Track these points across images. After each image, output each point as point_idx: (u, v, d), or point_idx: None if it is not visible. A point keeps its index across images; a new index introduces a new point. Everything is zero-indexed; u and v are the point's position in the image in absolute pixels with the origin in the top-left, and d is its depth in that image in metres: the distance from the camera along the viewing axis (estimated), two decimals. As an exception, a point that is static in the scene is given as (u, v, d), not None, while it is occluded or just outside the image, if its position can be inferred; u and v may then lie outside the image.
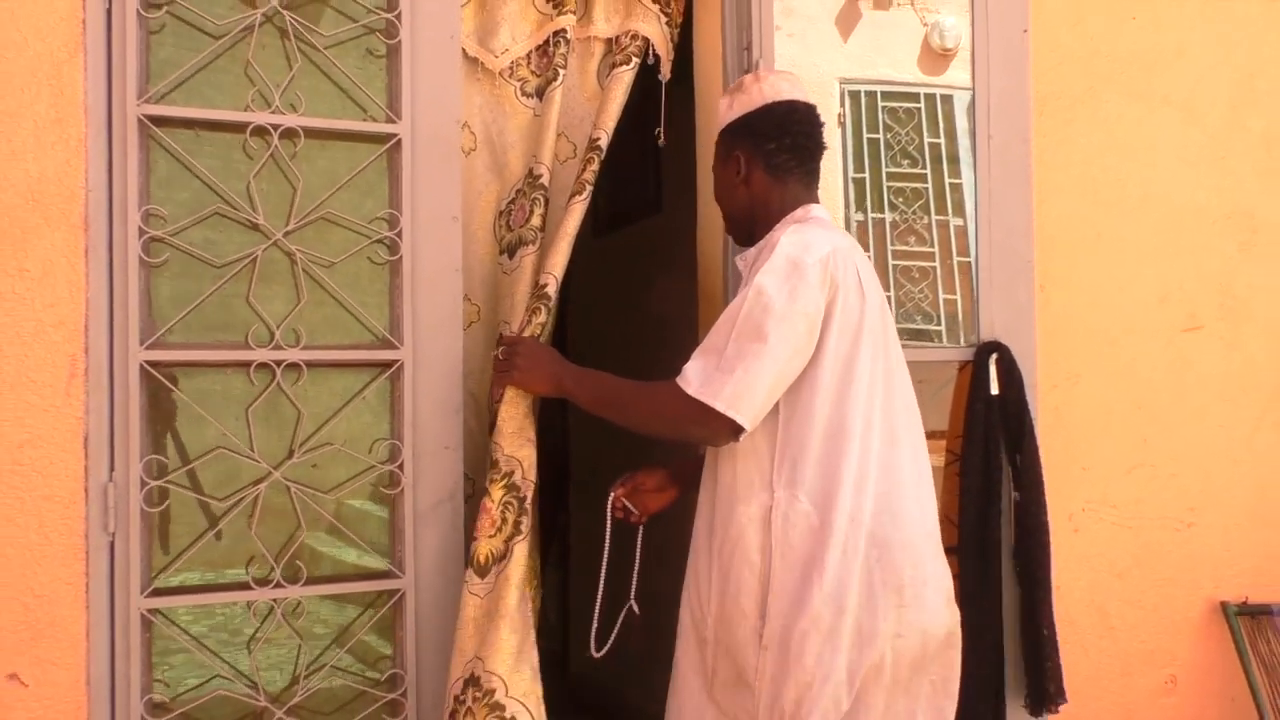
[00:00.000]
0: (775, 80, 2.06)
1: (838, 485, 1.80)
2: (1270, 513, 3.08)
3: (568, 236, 2.16)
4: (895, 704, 1.86)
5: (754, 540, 1.83)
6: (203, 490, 2.02)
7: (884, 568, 1.82)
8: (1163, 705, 2.93)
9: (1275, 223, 3.10)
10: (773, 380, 1.79)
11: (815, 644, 1.77)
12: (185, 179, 2.02)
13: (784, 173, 2.01)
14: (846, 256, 1.87)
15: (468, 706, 1.93)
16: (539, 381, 2.02)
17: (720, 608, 1.87)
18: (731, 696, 1.87)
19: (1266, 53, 3.09)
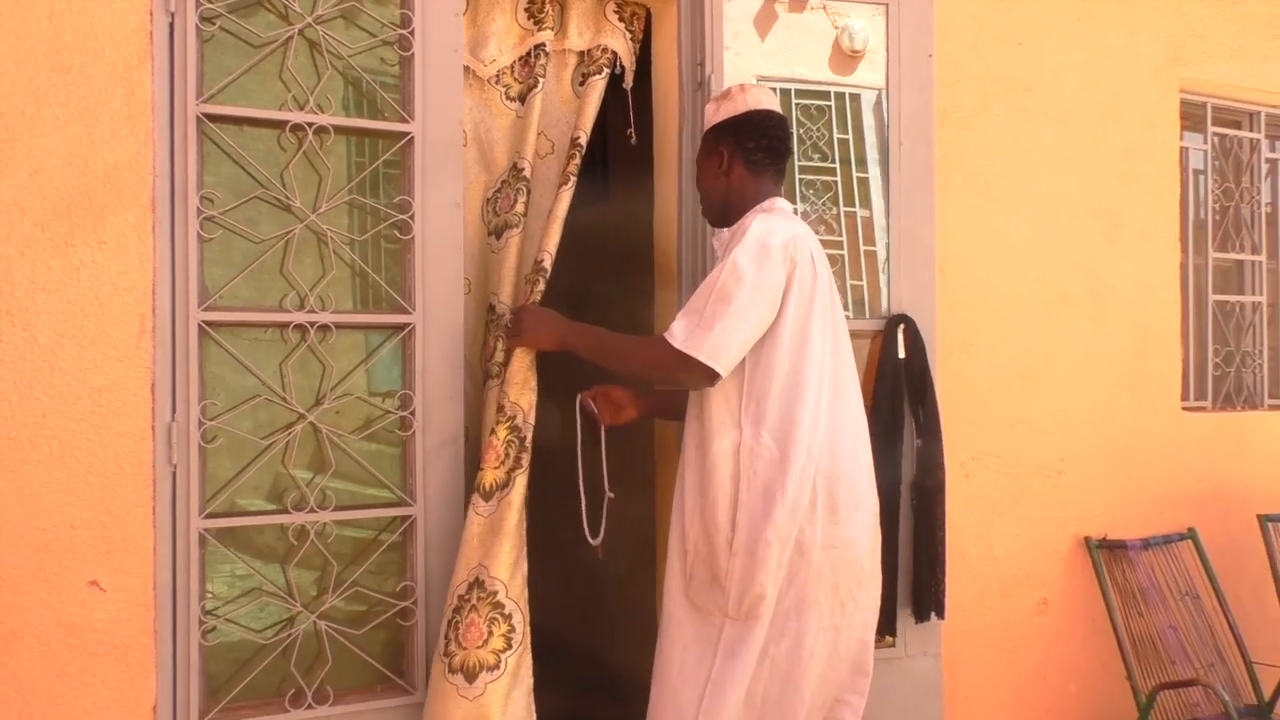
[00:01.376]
0: (757, 93, 2.46)
1: (794, 426, 2.23)
2: (1126, 463, 3.60)
3: (558, 220, 2.55)
4: (840, 601, 2.31)
5: (726, 468, 2.26)
6: (248, 430, 2.38)
7: (826, 494, 2.27)
8: (1036, 622, 3.43)
9: (1134, 219, 3.62)
10: (743, 337, 2.22)
11: (775, 551, 2.21)
12: (232, 168, 2.37)
13: (760, 169, 2.42)
14: (803, 242, 2.30)
15: (472, 604, 2.34)
16: (545, 339, 2.41)
17: (700, 523, 2.30)
18: (706, 594, 2.29)
19: (1128, 77, 3.60)
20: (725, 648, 2.26)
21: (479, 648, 2.33)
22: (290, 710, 2.36)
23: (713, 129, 2.48)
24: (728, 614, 2.26)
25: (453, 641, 2.34)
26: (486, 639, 2.34)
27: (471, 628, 2.33)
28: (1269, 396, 4.07)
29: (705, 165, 2.50)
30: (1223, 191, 3.99)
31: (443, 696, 2.33)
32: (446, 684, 2.33)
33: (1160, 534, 3.61)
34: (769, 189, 2.45)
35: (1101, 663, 3.48)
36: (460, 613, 2.36)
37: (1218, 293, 3.98)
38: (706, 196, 2.52)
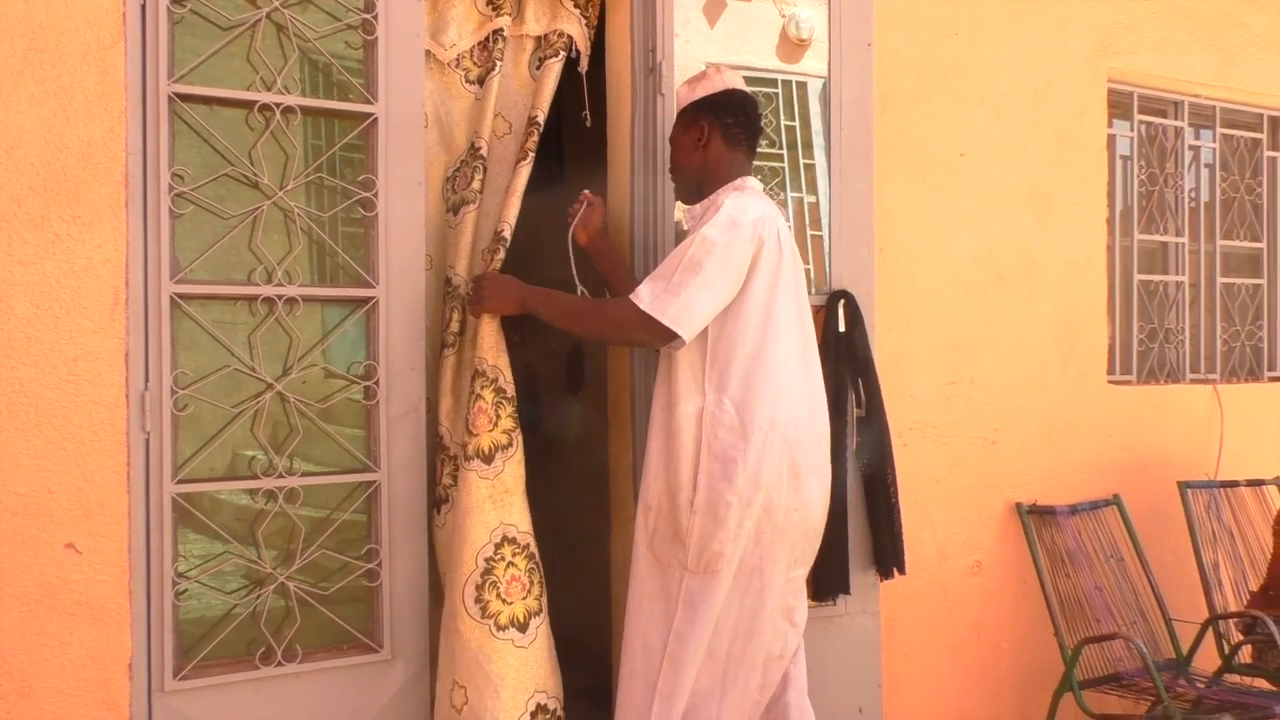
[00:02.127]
0: (731, 74, 2.61)
1: (756, 395, 2.38)
2: (1055, 433, 3.80)
3: (517, 193, 2.67)
4: (795, 558, 2.49)
5: (690, 431, 2.41)
6: (218, 399, 2.47)
7: (790, 460, 2.43)
8: (970, 583, 3.62)
9: (1063, 202, 3.81)
10: (708, 306, 2.36)
11: (736, 512, 2.37)
12: (202, 146, 2.46)
13: (735, 144, 2.56)
14: (771, 221, 2.44)
15: (508, 560, 2.49)
16: (506, 303, 2.53)
17: (664, 482, 2.45)
18: (668, 548, 2.44)
19: (1059, 66, 3.79)
20: (685, 598, 2.41)
21: (524, 598, 2.50)
22: (260, 667, 2.47)
23: (691, 105, 2.60)
24: (687, 567, 2.41)
25: (493, 601, 2.47)
26: (529, 588, 2.51)
27: (514, 582, 2.49)
28: (1190, 371, 4.29)
29: (682, 140, 2.62)
30: (1148, 177, 4.19)
31: (497, 654, 2.46)
32: (498, 641, 2.46)
33: (1087, 500, 3.81)
34: (742, 165, 2.59)
35: (1031, 621, 3.67)
36: (493, 573, 2.48)
37: (1142, 272, 4.19)
38: (682, 171, 2.64)
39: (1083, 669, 3.50)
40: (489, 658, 2.45)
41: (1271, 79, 4.33)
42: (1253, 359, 4.52)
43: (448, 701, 2.52)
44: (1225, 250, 4.42)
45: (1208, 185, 4.39)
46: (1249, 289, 4.51)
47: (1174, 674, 3.61)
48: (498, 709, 2.45)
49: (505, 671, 2.46)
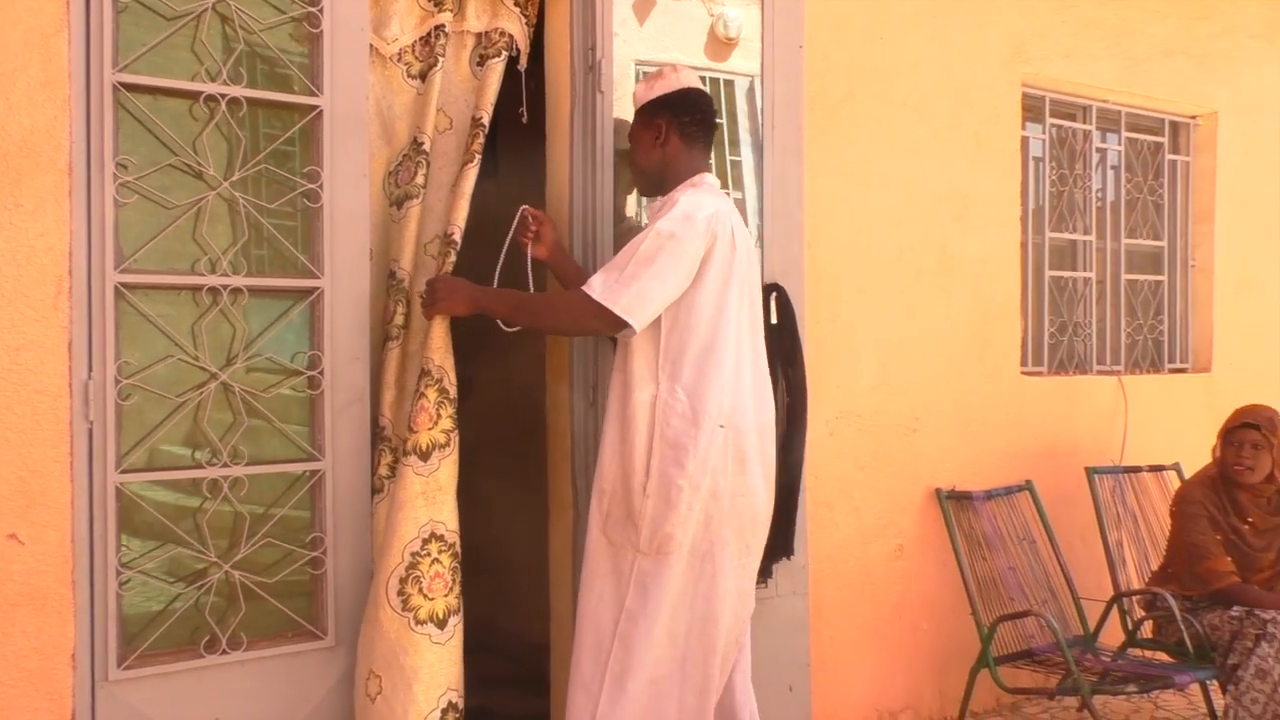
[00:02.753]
0: (686, 73, 2.69)
1: (708, 385, 2.48)
2: (972, 422, 3.97)
3: (465, 195, 2.71)
4: (745, 544, 2.59)
5: (644, 418, 2.49)
6: (163, 388, 2.47)
7: (734, 447, 2.52)
8: (893, 566, 3.77)
9: (981, 200, 3.98)
10: (659, 298, 2.44)
11: (687, 496, 2.46)
12: (147, 136, 2.45)
13: (693, 140, 2.65)
14: (725, 217, 2.53)
15: (433, 557, 2.53)
16: (460, 305, 2.57)
17: (618, 466, 2.53)
18: (620, 530, 2.52)
19: (977, 71, 3.95)
20: (637, 579, 2.49)
21: (445, 596, 2.54)
22: (205, 655, 2.48)
23: (648, 104, 2.68)
24: (639, 549, 2.49)
25: (414, 595, 2.51)
26: (451, 586, 2.56)
27: (437, 579, 2.54)
28: (1096, 363, 4.52)
29: (641, 138, 2.70)
30: (1058, 177, 4.40)
31: (414, 648, 2.49)
32: (416, 635, 2.50)
33: (1002, 486, 3.99)
34: (700, 161, 2.68)
35: (950, 601, 3.84)
36: (418, 567, 2.53)
37: (1053, 269, 4.40)
38: (642, 168, 2.72)
39: (998, 646, 3.67)
40: (405, 650, 2.49)
41: (1172, 86, 4.57)
42: (1154, 352, 4.76)
43: (364, 689, 2.56)
44: (1129, 248, 4.66)
45: (1113, 186, 4.62)
46: (1151, 285, 4.75)
47: (1082, 649, 3.81)
48: (409, 702, 2.48)
49: (420, 666, 2.49)
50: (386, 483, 2.68)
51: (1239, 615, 3.44)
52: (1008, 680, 3.62)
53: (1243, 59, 4.78)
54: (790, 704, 3.15)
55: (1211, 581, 3.57)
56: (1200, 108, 4.72)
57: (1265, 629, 3.33)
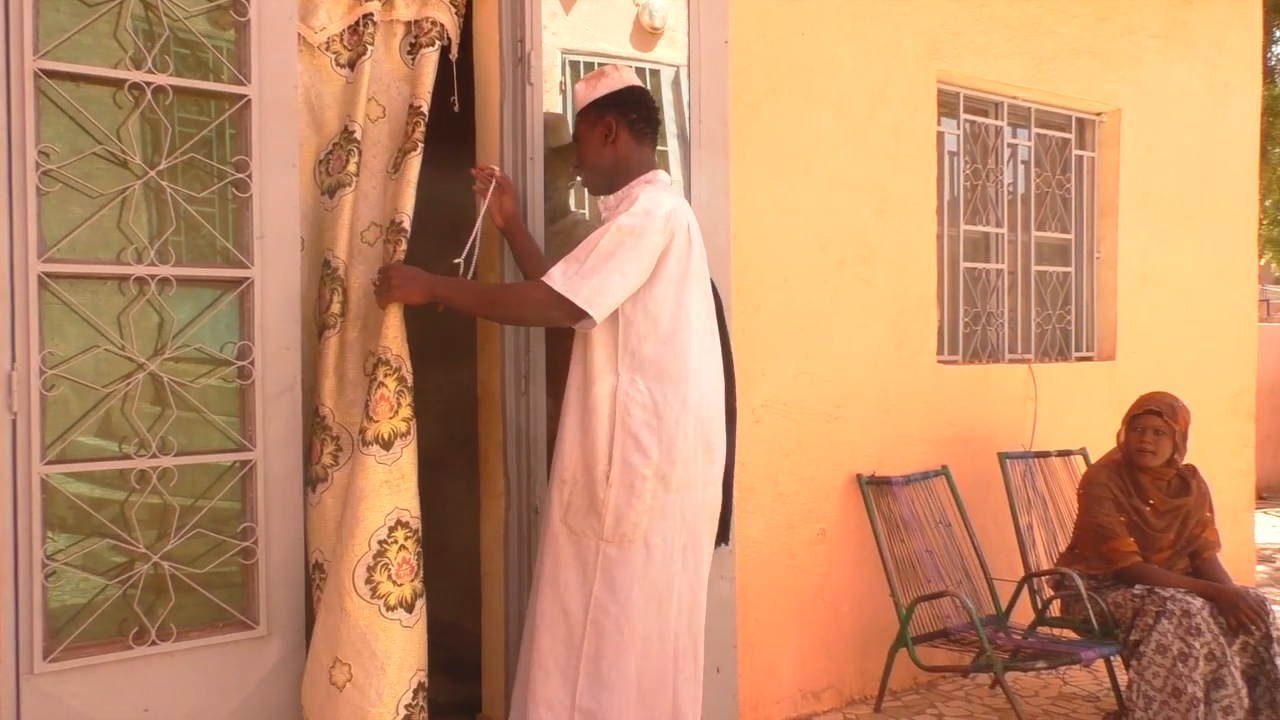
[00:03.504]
0: (627, 71, 2.72)
1: (668, 377, 2.53)
2: (891, 409, 4.09)
3: (410, 184, 2.72)
4: (712, 530, 2.67)
5: (605, 409, 2.53)
6: (89, 379, 2.45)
7: (703, 439, 2.58)
8: (816, 550, 3.87)
9: (899, 193, 4.09)
10: (619, 291, 2.47)
11: (651, 485, 2.51)
12: (70, 124, 2.42)
13: (641, 137, 2.69)
14: (682, 214, 2.58)
15: (400, 544, 2.55)
16: (415, 293, 2.57)
17: (580, 457, 2.55)
18: (583, 520, 2.55)
19: (893, 67, 4.06)
20: (603, 567, 2.53)
21: (412, 580, 2.57)
22: (134, 647, 2.46)
23: (594, 104, 2.71)
24: (603, 538, 2.52)
25: (384, 582, 2.52)
26: (417, 570, 2.59)
27: (405, 565, 2.56)
28: (1008, 351, 4.68)
29: (589, 138, 2.72)
30: (972, 172, 4.54)
31: (385, 633, 2.51)
32: (387, 621, 2.52)
33: (919, 471, 4.12)
34: (649, 157, 2.73)
35: (870, 583, 3.96)
36: (386, 555, 2.54)
37: (967, 260, 4.54)
38: (593, 166, 2.74)
39: (915, 626, 3.80)
40: (377, 636, 2.51)
41: (1079, 84, 4.75)
42: (1062, 340, 4.95)
43: (325, 679, 2.55)
44: (1039, 240, 4.83)
45: (1024, 180, 4.79)
46: (1059, 276, 4.93)
47: (995, 628, 3.96)
48: (383, 685, 2.51)
49: (392, 650, 2.52)
50: (331, 472, 2.68)
51: (1141, 593, 3.61)
52: (925, 659, 3.75)
53: (1144, 59, 4.99)
54: (718, 685, 3.22)
55: (1115, 561, 3.74)
56: (1105, 105, 4.91)
57: (1165, 606, 3.50)
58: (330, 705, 2.53)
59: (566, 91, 3.30)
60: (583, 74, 3.32)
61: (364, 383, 2.75)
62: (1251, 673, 3.56)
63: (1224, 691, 3.43)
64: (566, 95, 3.33)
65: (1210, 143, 5.32)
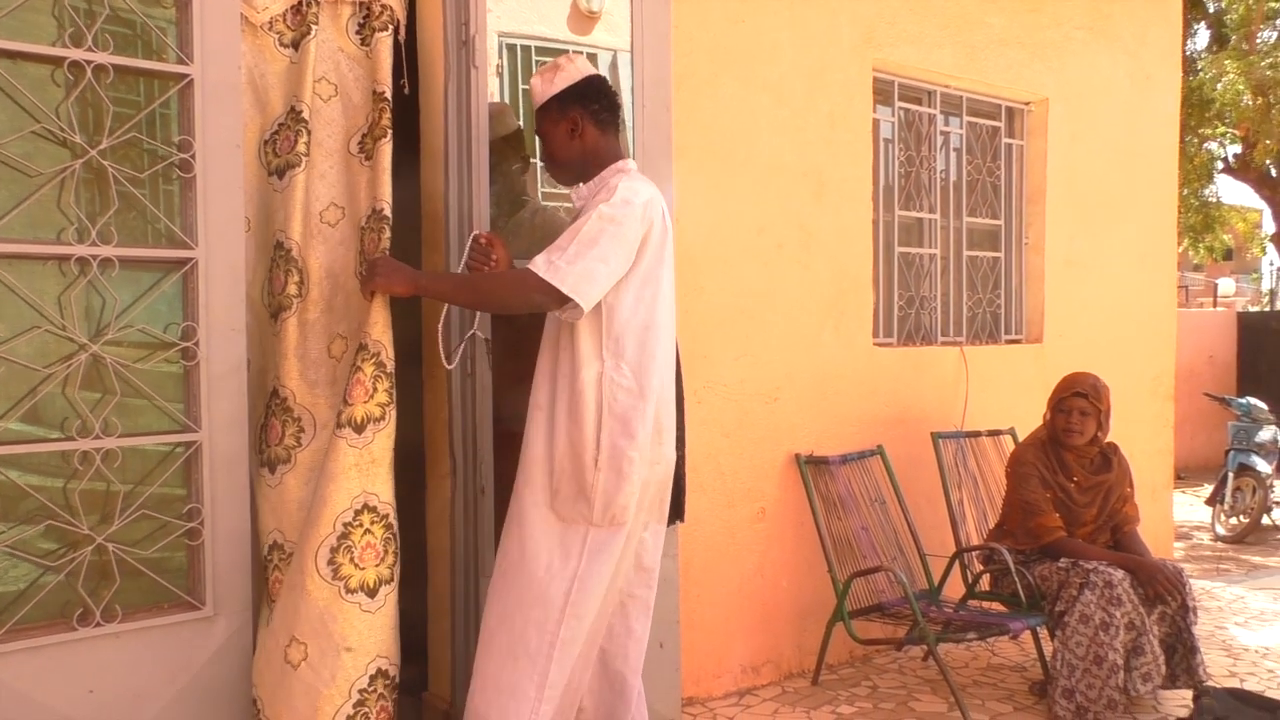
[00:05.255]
0: (583, 62, 2.72)
1: (650, 361, 2.58)
2: (829, 391, 4.18)
3: (385, 170, 2.73)
4: (661, 513, 2.73)
5: (591, 396, 2.55)
6: (29, 360, 2.42)
7: (660, 420, 2.64)
8: (755, 528, 3.96)
9: (836, 179, 4.18)
10: (604, 279, 2.50)
11: (638, 468, 2.56)
12: (6, 102, 2.39)
13: (606, 126, 2.69)
14: (657, 203, 2.61)
15: (365, 527, 2.55)
16: (399, 285, 2.58)
17: (567, 443, 2.57)
18: (571, 506, 2.57)
19: (830, 55, 4.14)
20: (591, 550, 2.56)
21: (377, 565, 2.57)
22: (79, 629, 2.46)
23: (555, 99, 2.69)
24: (592, 522, 2.56)
25: (345, 565, 2.53)
26: (383, 556, 2.58)
27: (369, 549, 2.56)
28: (941, 334, 4.81)
29: (554, 133, 2.71)
30: (906, 158, 4.65)
31: (342, 615, 2.52)
32: (345, 604, 2.52)
33: (856, 451, 4.23)
34: (615, 145, 2.74)
35: (808, 560, 4.05)
36: (350, 537, 2.54)
37: (901, 245, 4.65)
38: (562, 161, 2.73)
39: (852, 600, 3.90)
40: (334, 618, 2.52)
41: (1009, 73, 4.88)
42: (992, 323, 5.09)
43: (281, 657, 2.56)
44: (970, 226, 4.97)
45: (956, 167, 4.91)
46: (989, 261, 5.07)
47: (928, 601, 4.08)
48: (337, 667, 2.52)
49: (349, 633, 2.53)
50: (294, 453, 2.69)
51: (1065, 566, 3.75)
52: (861, 632, 3.85)
53: (1070, 50, 5.14)
54: (661, 660, 3.29)
55: (1041, 536, 3.88)
56: (1033, 95, 5.05)
57: (1088, 578, 3.64)
58: (284, 684, 2.54)
59: (503, 75, 3.30)
60: (519, 58, 3.33)
61: (328, 364, 2.76)
62: (1169, 641, 3.72)
63: (1143, 659, 3.58)
64: (503, 79, 3.34)
65: (1133, 132, 5.49)
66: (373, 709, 2.58)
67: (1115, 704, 3.54)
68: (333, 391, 2.77)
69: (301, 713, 2.53)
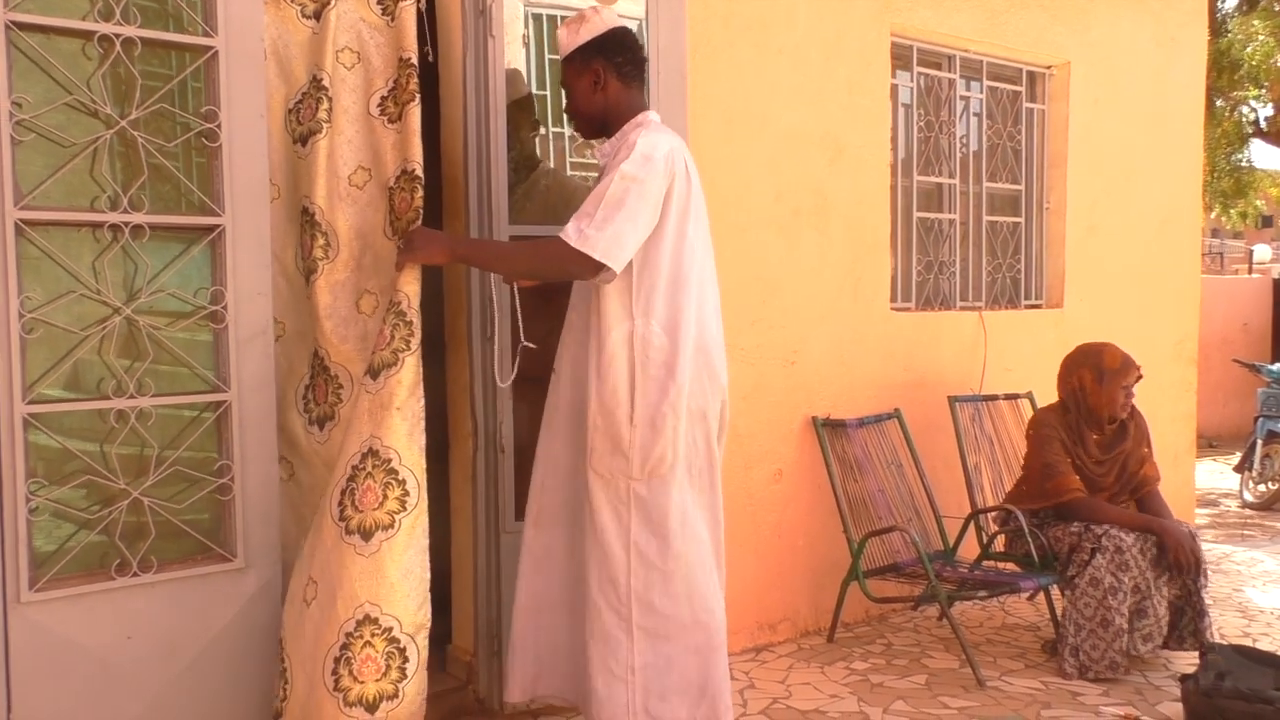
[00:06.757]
0: (607, 12, 2.74)
1: (680, 315, 2.63)
2: (846, 354, 4.24)
3: (415, 133, 2.79)
4: (720, 454, 2.80)
5: (623, 354, 2.62)
6: (67, 323, 2.53)
7: (708, 368, 2.70)
8: (772, 490, 4.03)
9: (854, 145, 4.21)
10: (633, 239, 2.55)
11: (672, 421, 2.62)
12: (41, 75, 2.49)
13: (630, 79, 2.73)
14: (680, 153, 2.65)
15: (367, 471, 2.59)
16: (438, 254, 2.67)
17: (599, 402, 2.64)
18: (608, 461, 2.64)
19: (848, 20, 4.16)
20: (637, 505, 2.64)
21: (375, 510, 2.58)
22: (116, 578, 2.58)
23: (579, 51, 2.71)
24: (631, 476, 2.63)
25: (348, 506, 2.58)
26: (382, 502, 2.59)
27: (368, 492, 2.59)
28: (959, 299, 4.84)
29: (577, 85, 2.74)
30: (925, 124, 4.67)
31: (340, 556, 2.57)
32: (344, 544, 2.57)
33: (872, 414, 4.28)
34: (638, 98, 2.77)
35: (824, 521, 4.12)
36: (355, 480, 2.60)
37: (920, 211, 4.68)
38: (584, 114, 2.77)
39: (867, 560, 3.97)
40: (335, 559, 2.59)
41: (1029, 36, 4.87)
42: (1011, 289, 5.11)
43: (300, 596, 2.66)
44: (990, 191, 4.98)
45: (976, 133, 4.92)
46: (1009, 226, 5.09)
47: (942, 562, 4.15)
48: (329, 608, 2.58)
49: (343, 576, 2.57)
50: (337, 409, 2.82)
51: (1078, 530, 3.79)
52: (875, 591, 3.92)
53: (1094, 12, 5.11)
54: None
55: (1060, 495, 3.89)
56: (1054, 58, 5.04)
57: (1100, 542, 3.68)
58: (300, 621, 2.63)
59: (529, 45, 3.39)
60: (545, 27, 3.41)
61: (358, 320, 2.86)
62: (1179, 603, 3.77)
63: (1145, 621, 3.65)
64: (529, 48, 3.40)
65: (1157, 95, 5.47)
66: (356, 654, 2.55)
67: (1116, 665, 3.62)
68: (363, 346, 2.87)
69: (306, 651, 2.60)
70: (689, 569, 2.68)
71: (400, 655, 2.59)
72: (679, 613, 2.67)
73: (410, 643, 2.61)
